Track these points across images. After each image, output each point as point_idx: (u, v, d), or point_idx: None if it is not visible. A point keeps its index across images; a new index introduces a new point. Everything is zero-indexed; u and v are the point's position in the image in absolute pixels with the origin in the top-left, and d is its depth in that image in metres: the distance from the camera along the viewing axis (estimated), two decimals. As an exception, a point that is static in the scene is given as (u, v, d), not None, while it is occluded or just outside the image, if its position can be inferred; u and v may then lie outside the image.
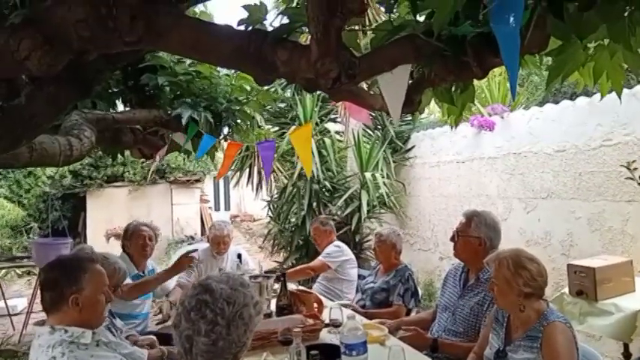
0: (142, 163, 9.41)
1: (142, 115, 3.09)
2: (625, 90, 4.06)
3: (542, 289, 2.05)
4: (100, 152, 4.37)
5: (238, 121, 3.54)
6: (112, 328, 2.35)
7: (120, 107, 3.26)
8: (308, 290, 3.29)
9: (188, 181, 10.16)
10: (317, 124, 6.39)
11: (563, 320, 1.99)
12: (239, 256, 3.81)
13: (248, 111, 3.46)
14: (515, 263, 2.02)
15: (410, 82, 2.32)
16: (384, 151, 6.40)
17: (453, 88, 2.24)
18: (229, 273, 1.33)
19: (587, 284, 3.13)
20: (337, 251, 4.08)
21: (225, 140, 3.78)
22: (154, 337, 2.57)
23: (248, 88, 3.41)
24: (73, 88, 2.43)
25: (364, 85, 2.57)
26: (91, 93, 2.84)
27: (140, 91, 3.10)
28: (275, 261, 6.80)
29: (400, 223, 6.56)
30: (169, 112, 3.10)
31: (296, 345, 1.89)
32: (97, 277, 1.78)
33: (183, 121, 3.00)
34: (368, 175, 5.96)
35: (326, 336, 2.52)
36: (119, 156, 3.89)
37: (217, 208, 13.94)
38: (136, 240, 3.32)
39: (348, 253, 4.14)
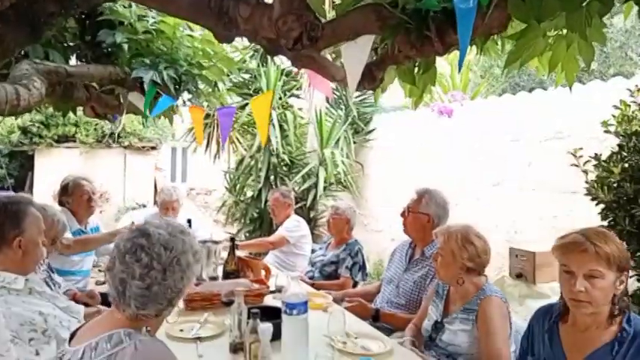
0: (96, 124, 9.06)
1: (97, 71, 2.96)
2: (579, 85, 4.20)
3: (484, 266, 2.11)
4: (51, 109, 4.18)
5: (200, 85, 3.46)
6: (49, 282, 2.27)
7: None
8: (257, 258, 3.28)
9: (143, 147, 9.85)
10: (280, 97, 6.32)
11: (500, 295, 2.06)
12: (189, 221, 3.74)
13: (209, 77, 3.38)
14: (463, 237, 2.08)
15: (374, 58, 2.33)
16: (346, 130, 6.42)
17: (416, 70, 2.26)
18: (170, 220, 1.30)
19: (527, 268, 3.26)
20: (297, 226, 4.15)
21: (184, 105, 3.69)
22: (96, 292, 2.50)
23: (211, 52, 3.32)
24: (21, 30, 2.31)
25: (329, 57, 2.56)
26: (41, 37, 2.70)
27: (97, 47, 2.98)
28: (228, 232, 6.75)
29: (356, 203, 6.61)
30: (126, 71, 2.99)
31: (238, 304, 1.88)
32: (36, 220, 1.74)
33: (146, 86, 2.91)
34: (327, 152, 5.96)
35: (271, 302, 2.52)
36: (72, 116, 3.73)
37: (173, 179, 13.65)
38: (80, 195, 3.20)
39: (306, 229, 4.22)
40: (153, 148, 10.08)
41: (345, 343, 1.97)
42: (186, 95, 3.48)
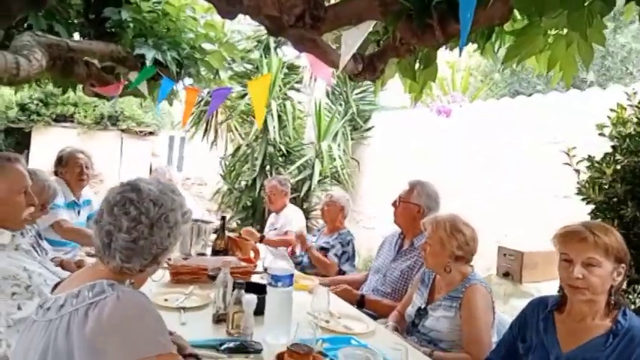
0: (95, 106, 9.04)
1: (99, 48, 2.96)
2: (577, 92, 4.22)
3: (472, 254, 2.12)
4: (51, 86, 4.17)
5: (202, 72, 3.46)
6: (37, 248, 2.27)
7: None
8: (247, 238, 3.29)
9: (141, 132, 9.83)
10: (280, 88, 6.33)
11: (485, 285, 2.07)
12: (182, 200, 3.75)
13: (212, 63, 3.38)
14: (451, 226, 2.09)
15: (375, 49, 2.34)
16: (344, 126, 6.43)
17: (417, 65, 2.27)
18: (161, 180, 1.30)
19: (514, 267, 3.28)
20: (301, 215, 4.33)
21: (184, 89, 3.69)
22: (86, 262, 2.50)
23: (214, 38, 3.33)
24: (24, -5, 2.29)
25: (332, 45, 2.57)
26: (44, 5, 2.70)
27: (100, 25, 2.97)
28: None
29: (350, 198, 6.63)
30: (128, 51, 2.99)
31: (224, 275, 1.88)
32: (13, 175, 1.69)
33: (148, 62, 2.90)
34: (324, 145, 5.98)
35: (257, 281, 2.52)
36: (71, 95, 3.72)
37: (169, 167, 13.65)
38: (72, 166, 3.21)
39: (303, 218, 4.37)
40: (151, 133, 10.07)
41: (328, 321, 1.98)
42: (187, 80, 3.48)
